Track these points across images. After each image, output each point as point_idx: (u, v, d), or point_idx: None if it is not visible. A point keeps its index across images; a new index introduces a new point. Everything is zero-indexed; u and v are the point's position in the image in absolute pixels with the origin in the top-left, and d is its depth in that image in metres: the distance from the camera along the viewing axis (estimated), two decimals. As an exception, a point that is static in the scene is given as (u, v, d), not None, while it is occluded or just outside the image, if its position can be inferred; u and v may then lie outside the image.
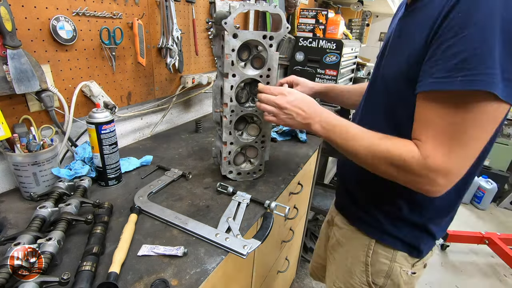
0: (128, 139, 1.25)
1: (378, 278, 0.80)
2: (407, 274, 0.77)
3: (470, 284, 2.05)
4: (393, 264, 0.76)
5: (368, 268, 0.80)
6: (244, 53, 0.82)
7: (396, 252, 0.76)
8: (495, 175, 3.00)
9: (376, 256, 0.78)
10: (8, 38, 0.72)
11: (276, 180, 0.97)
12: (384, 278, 0.79)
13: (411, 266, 0.77)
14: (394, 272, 0.77)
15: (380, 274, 0.79)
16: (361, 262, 0.81)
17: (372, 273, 0.80)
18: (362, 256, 0.80)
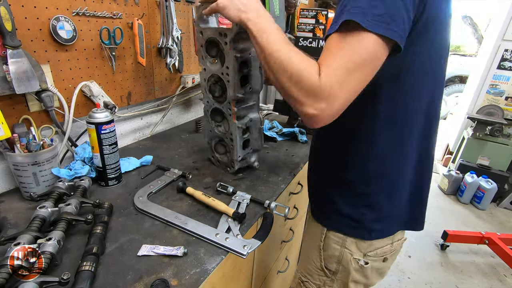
0: (128, 139, 1.25)
1: (331, 264, 0.81)
2: (357, 262, 0.77)
3: (470, 284, 2.05)
4: (343, 249, 0.77)
5: (321, 253, 0.82)
6: (213, 49, 0.85)
7: (345, 238, 0.77)
8: (495, 175, 3.00)
9: (328, 241, 0.80)
10: (8, 38, 0.72)
11: (276, 180, 0.97)
12: (336, 264, 0.80)
13: (363, 255, 0.77)
14: (344, 258, 0.78)
15: (332, 259, 0.81)
16: (316, 247, 0.83)
17: (325, 258, 0.82)
18: (317, 241, 0.83)
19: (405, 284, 2.00)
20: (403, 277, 2.05)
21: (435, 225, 2.65)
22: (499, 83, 3.19)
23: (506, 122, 3.03)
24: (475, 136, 3.13)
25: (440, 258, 2.28)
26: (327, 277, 0.84)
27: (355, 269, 0.79)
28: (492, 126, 3.04)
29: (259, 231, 0.73)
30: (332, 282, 0.84)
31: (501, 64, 3.13)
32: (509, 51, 3.07)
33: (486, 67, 3.19)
